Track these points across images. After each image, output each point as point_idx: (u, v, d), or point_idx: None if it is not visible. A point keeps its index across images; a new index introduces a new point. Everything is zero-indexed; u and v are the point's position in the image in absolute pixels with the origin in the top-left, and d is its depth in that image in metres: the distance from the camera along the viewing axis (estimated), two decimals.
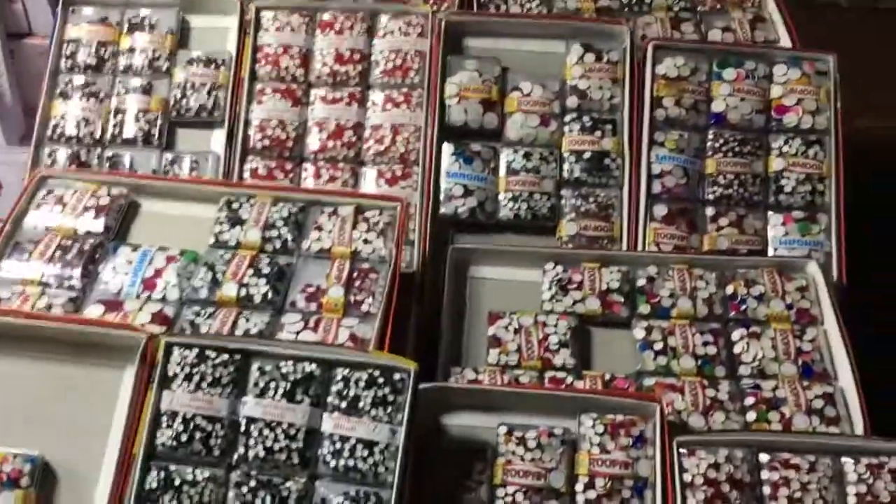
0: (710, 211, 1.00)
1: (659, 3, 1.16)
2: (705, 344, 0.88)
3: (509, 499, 0.76)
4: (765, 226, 1.00)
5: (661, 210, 1.00)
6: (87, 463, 0.76)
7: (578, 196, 1.01)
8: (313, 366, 0.76)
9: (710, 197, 1.01)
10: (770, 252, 0.99)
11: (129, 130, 1.06)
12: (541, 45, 1.07)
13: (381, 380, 0.75)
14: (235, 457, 0.74)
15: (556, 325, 0.90)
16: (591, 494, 0.76)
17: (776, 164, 1.01)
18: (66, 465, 0.76)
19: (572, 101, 1.03)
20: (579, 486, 0.77)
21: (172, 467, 0.73)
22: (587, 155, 1.02)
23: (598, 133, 1.02)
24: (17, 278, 0.86)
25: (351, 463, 0.73)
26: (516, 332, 0.90)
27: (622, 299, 0.92)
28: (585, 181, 1.02)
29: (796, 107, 1.02)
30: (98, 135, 1.06)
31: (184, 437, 0.73)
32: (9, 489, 0.73)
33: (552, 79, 1.05)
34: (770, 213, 1.01)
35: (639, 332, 0.90)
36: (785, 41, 1.11)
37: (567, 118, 1.03)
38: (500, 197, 1.01)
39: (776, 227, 1.00)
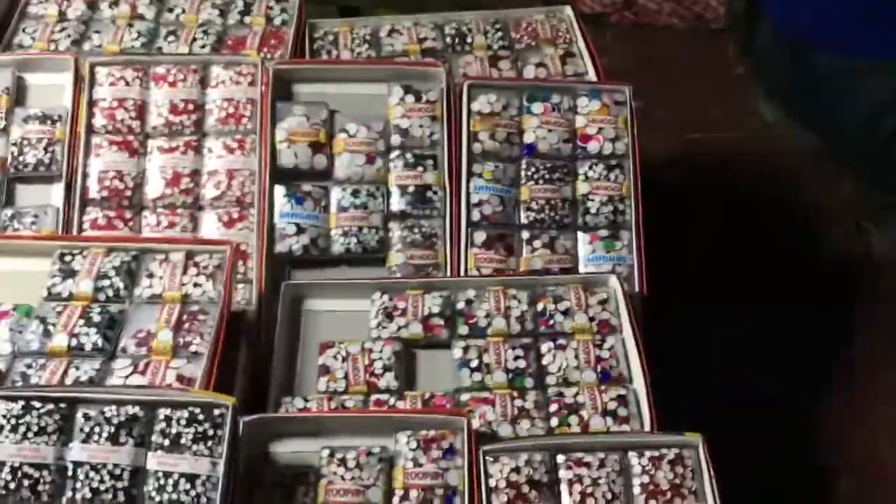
0: (525, 234, 1.09)
1: (479, 42, 1.25)
2: (516, 358, 0.97)
3: None
4: (575, 245, 1.09)
5: (480, 237, 1.08)
6: None
7: (404, 228, 1.08)
8: (136, 408, 0.80)
9: (525, 221, 1.09)
10: (581, 269, 1.08)
11: None
12: (366, 89, 1.14)
13: (201, 416, 0.80)
14: (64, 500, 0.78)
15: (381, 351, 0.97)
16: None
17: (582, 188, 1.11)
18: None
19: (395, 140, 1.11)
20: (395, 500, 0.84)
21: None
22: (411, 189, 1.09)
23: (421, 168, 1.10)
24: None
25: (175, 497, 0.78)
26: (344, 359, 0.96)
27: (443, 322, 0.99)
28: (410, 213, 1.09)
29: (598, 135, 1.12)
30: None
31: (12, 486, 0.77)
32: None
33: (377, 119, 1.12)
34: (579, 233, 1.10)
35: (457, 352, 0.97)
36: (591, 74, 1.22)
37: (392, 155, 1.11)
38: (332, 233, 1.07)
39: (584, 245, 1.09)
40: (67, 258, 0.96)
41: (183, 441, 0.80)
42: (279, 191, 1.08)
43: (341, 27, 1.27)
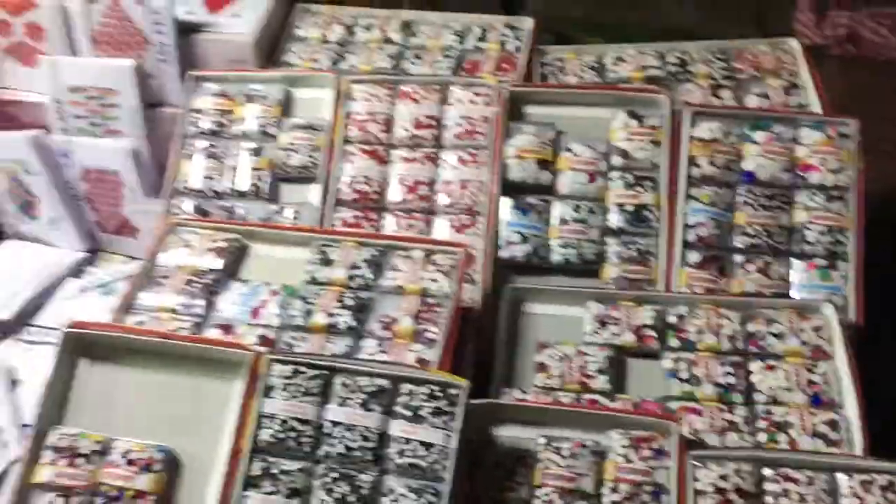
0: (738, 258, 1.13)
1: (701, 71, 1.30)
2: (726, 374, 1.01)
3: (546, 497, 0.91)
4: (788, 272, 1.12)
5: (694, 257, 1.13)
6: (205, 454, 0.94)
7: (621, 243, 1.15)
8: (385, 381, 0.92)
9: (740, 245, 1.13)
10: (793, 295, 1.10)
11: (242, 185, 1.26)
12: (590, 112, 1.22)
13: (439, 393, 0.91)
14: (320, 453, 0.91)
15: (594, 355, 1.04)
16: (616, 497, 0.90)
17: (800, 216, 1.13)
18: (188, 456, 0.95)
19: (617, 161, 1.18)
20: (605, 490, 0.91)
21: (271, 459, 0.91)
22: (629, 207, 1.16)
23: (640, 188, 1.17)
24: (153, 306, 1.07)
25: (413, 460, 0.89)
26: (560, 359, 1.04)
27: (655, 334, 1.05)
28: (627, 230, 1.16)
29: (820, 166, 1.14)
30: (217, 189, 1.27)
31: (281, 436, 0.91)
32: (144, 473, 0.92)
33: (599, 141, 1.20)
34: (794, 260, 1.12)
35: (667, 363, 1.03)
36: (815, 106, 1.24)
37: (612, 175, 1.18)
38: (552, 243, 1.16)
39: (799, 273, 1.11)
40: (325, 249, 1.10)
41: (422, 413, 0.90)
42: (506, 202, 1.18)
43: (568, 54, 1.36)
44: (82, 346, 0.99)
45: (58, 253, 1.42)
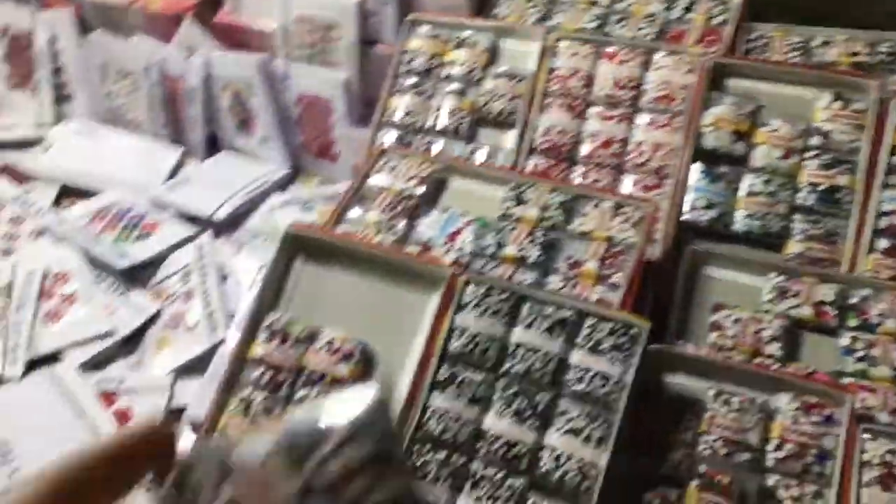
0: None
1: None
2: None
3: (710, 444, 0.95)
4: None
5: (883, 244, 1.13)
6: (398, 357, 1.04)
7: (808, 221, 1.16)
8: (570, 312, 0.99)
9: None
10: None
11: (443, 124, 1.35)
12: (793, 90, 1.24)
13: (620, 331, 0.97)
14: (502, 370, 0.99)
15: (771, 322, 1.07)
16: (780, 454, 0.93)
17: None
18: (383, 355, 1.05)
19: (816, 140, 1.19)
20: (770, 447, 0.94)
21: (457, 367, 0.99)
22: (822, 187, 1.17)
23: (835, 170, 1.17)
24: (361, 220, 1.18)
25: (589, 389, 0.95)
26: (735, 322, 1.08)
27: (834, 311, 1.07)
28: (817, 210, 1.17)
29: None
30: (420, 125, 1.36)
31: (468, 348, 1.00)
32: (344, 362, 1.03)
33: (800, 120, 1.21)
34: None
35: (844, 340, 1.04)
36: None
37: (808, 154, 1.19)
38: (738, 213, 1.19)
39: None
40: (520, 188, 1.17)
41: (602, 347, 0.97)
42: (697, 167, 1.22)
43: (775, 32, 1.36)
44: (299, 245, 1.11)
45: (266, 168, 1.56)
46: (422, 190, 1.20)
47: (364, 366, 1.04)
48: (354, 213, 1.19)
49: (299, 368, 1.03)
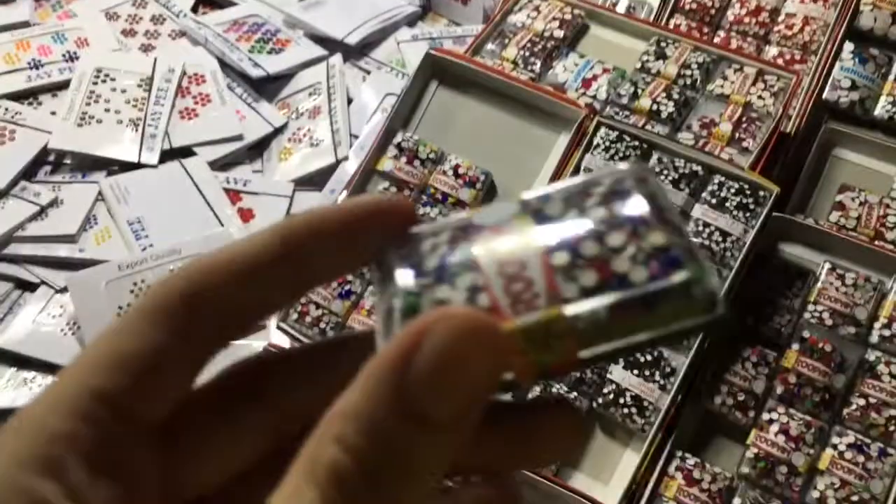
0: None
1: None
2: None
3: (817, 314, 0.97)
4: None
5: None
6: (520, 189, 1.07)
7: None
8: (699, 167, 1.00)
9: None
10: None
11: None
12: None
13: (748, 191, 0.98)
14: None
15: None
16: (886, 332, 0.95)
17: None
18: (505, 187, 1.08)
19: None
20: (877, 325, 0.95)
21: None
22: None
23: None
24: (497, 54, 1.18)
25: (707, 243, 0.97)
26: (860, 204, 1.07)
27: None
28: None
29: None
30: None
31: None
32: (467, 187, 1.06)
33: None
34: None
35: None
36: None
37: None
38: (882, 98, 1.16)
39: None
40: (662, 44, 1.16)
41: (727, 204, 0.97)
42: (848, 47, 1.18)
43: None
44: (437, 69, 1.13)
45: (398, 2, 1.56)
46: (561, 33, 1.19)
47: (487, 194, 1.07)
48: (491, 47, 1.19)
49: (424, 187, 1.07)
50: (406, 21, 1.56)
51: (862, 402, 0.92)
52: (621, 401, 0.94)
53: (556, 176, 1.04)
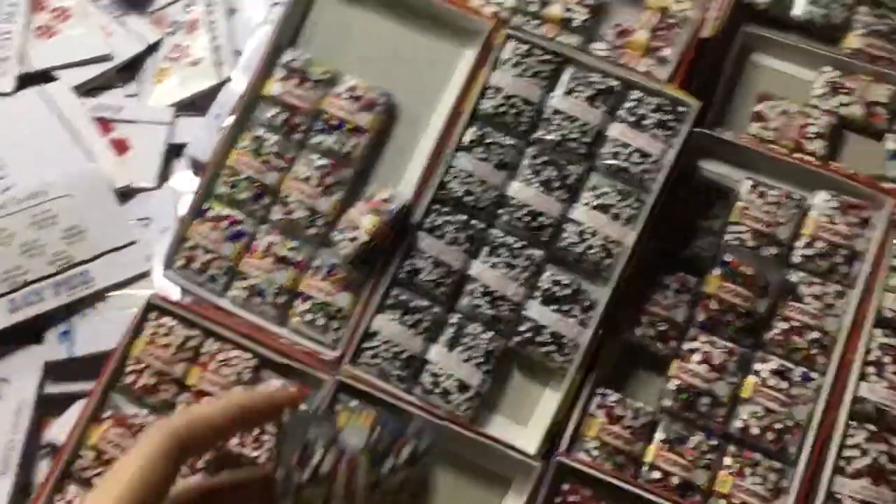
0: None
1: None
2: None
3: (739, 234, 0.92)
4: None
5: None
6: (423, 111, 0.97)
7: (874, 16, 1.07)
8: (615, 82, 0.92)
9: None
10: None
11: None
12: None
13: (667, 107, 0.91)
14: (536, 136, 0.93)
15: (818, 118, 1.01)
16: (808, 251, 0.91)
17: None
18: (408, 109, 0.98)
19: None
20: (799, 243, 0.92)
21: (487, 129, 0.93)
22: None
23: None
24: None
25: (625, 165, 0.91)
26: (781, 113, 1.02)
27: (886, 114, 1.01)
28: (887, 3, 1.07)
29: None
30: None
31: (502, 109, 0.93)
32: (365, 111, 0.96)
33: None
34: None
35: (890, 144, 1.00)
36: None
37: None
38: None
39: None
40: None
41: (646, 122, 0.91)
42: None
43: None
44: None
45: None
46: None
47: (387, 117, 0.97)
48: None
49: (317, 112, 0.97)
50: None
51: (785, 325, 0.89)
52: (539, 338, 0.89)
53: (462, 97, 0.94)
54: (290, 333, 0.93)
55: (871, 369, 0.86)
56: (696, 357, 0.88)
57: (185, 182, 1.11)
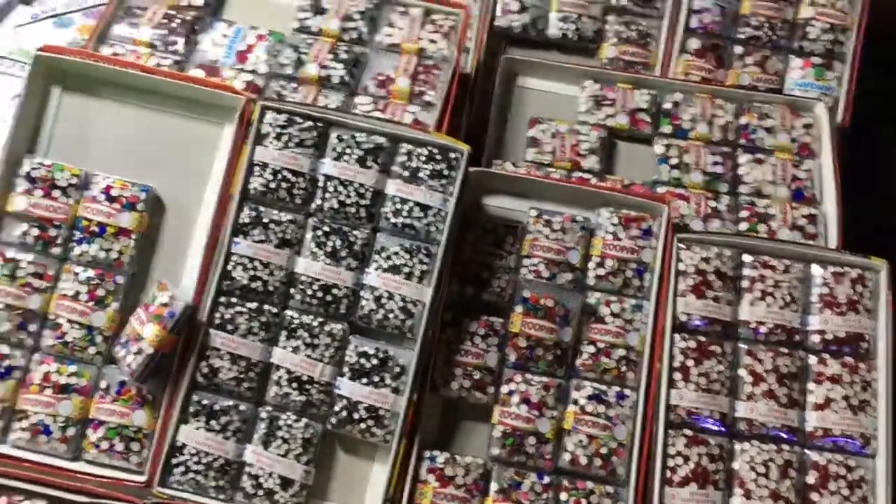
0: (738, 49, 1.11)
1: None
2: (715, 163, 1.02)
3: (533, 268, 0.92)
4: (785, 68, 1.11)
5: (694, 44, 1.10)
6: (191, 199, 0.91)
7: (622, 23, 1.11)
8: (383, 139, 0.90)
9: (741, 36, 1.11)
10: (787, 92, 1.10)
11: None
12: None
13: (438, 156, 0.89)
14: (313, 206, 0.89)
15: (588, 134, 1.03)
16: (601, 271, 0.92)
17: (805, 11, 1.10)
18: (174, 199, 0.92)
19: None
20: (591, 264, 0.93)
21: (262, 208, 0.88)
22: None
23: None
24: (129, 38, 0.99)
25: (408, 221, 0.88)
26: (553, 136, 1.03)
27: (648, 119, 1.04)
28: (631, 10, 1.11)
29: None
30: None
31: (272, 185, 0.88)
32: (127, 210, 0.89)
33: None
34: (792, 56, 1.11)
35: (659, 148, 1.03)
36: None
37: None
38: (552, 16, 1.11)
39: (795, 69, 1.10)
40: None
41: (420, 175, 0.89)
42: None
43: None
44: (56, 73, 0.92)
45: None
46: (201, 0, 1.02)
47: (152, 213, 0.90)
48: (120, 30, 1.00)
49: (73, 221, 0.88)
50: None
51: (591, 349, 0.90)
52: (356, 415, 0.85)
53: (228, 178, 0.89)
54: (88, 466, 0.85)
55: (677, 375, 0.89)
56: (515, 398, 0.87)
57: None
